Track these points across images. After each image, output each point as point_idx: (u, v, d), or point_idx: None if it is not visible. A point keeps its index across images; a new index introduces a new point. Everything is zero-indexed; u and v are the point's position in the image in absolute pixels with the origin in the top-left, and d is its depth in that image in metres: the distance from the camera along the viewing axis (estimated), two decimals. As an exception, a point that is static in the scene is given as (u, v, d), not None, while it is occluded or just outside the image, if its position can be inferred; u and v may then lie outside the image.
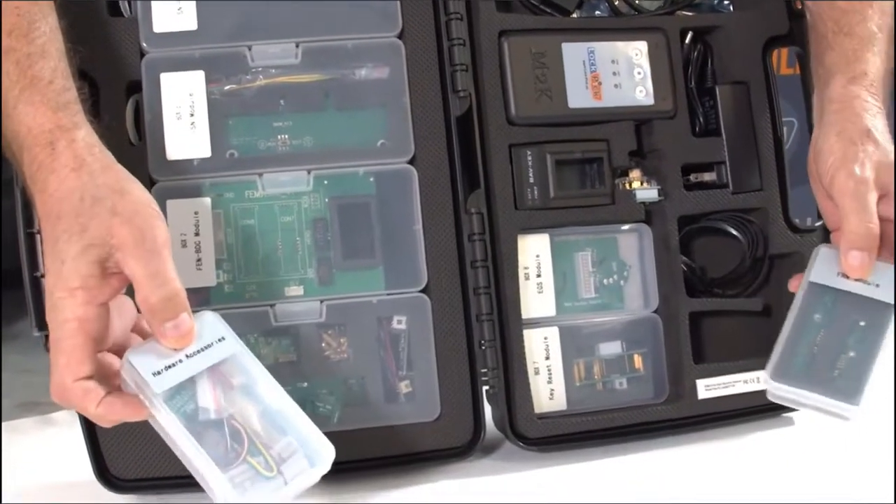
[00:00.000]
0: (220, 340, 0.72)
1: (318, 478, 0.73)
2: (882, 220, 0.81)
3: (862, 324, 0.80)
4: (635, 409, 0.91)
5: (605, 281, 0.93)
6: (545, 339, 0.91)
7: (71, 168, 0.70)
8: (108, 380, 0.70)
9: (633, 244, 0.94)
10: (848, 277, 0.81)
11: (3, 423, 0.91)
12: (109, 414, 0.69)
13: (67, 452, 0.87)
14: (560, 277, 0.92)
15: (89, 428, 0.83)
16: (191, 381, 0.70)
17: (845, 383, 0.79)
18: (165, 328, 0.69)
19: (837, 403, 0.78)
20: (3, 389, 0.93)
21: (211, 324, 0.72)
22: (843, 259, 0.80)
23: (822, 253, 0.83)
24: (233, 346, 0.72)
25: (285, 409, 0.73)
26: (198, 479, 0.71)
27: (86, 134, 0.72)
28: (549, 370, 0.90)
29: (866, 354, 0.79)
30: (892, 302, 0.80)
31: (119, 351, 0.71)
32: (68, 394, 0.69)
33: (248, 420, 0.71)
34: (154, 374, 0.69)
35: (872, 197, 0.80)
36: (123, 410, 0.69)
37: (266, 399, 0.72)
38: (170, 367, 0.69)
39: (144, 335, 0.73)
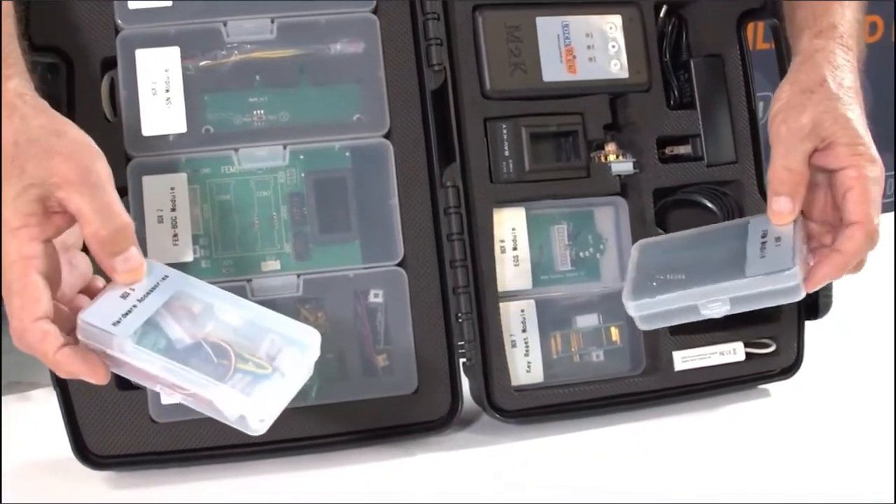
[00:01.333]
0: (164, 279, 0.73)
1: (311, 363, 0.75)
2: (818, 170, 0.81)
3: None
4: (612, 382, 0.91)
5: (581, 254, 0.93)
6: (522, 311, 0.91)
7: (4, 115, 0.70)
8: (67, 333, 0.70)
9: (609, 217, 0.94)
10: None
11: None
12: (67, 364, 0.69)
13: (44, 429, 0.86)
14: (536, 251, 0.92)
15: (67, 404, 0.83)
16: (153, 323, 0.70)
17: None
18: (116, 262, 0.69)
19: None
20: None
21: (151, 267, 0.73)
22: (768, 206, 0.81)
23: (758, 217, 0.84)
24: (180, 280, 0.73)
25: (256, 315, 0.74)
26: (201, 408, 0.71)
27: (17, 84, 0.72)
28: (525, 343, 0.91)
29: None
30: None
31: (73, 309, 0.71)
32: (27, 335, 0.68)
33: (224, 336, 0.72)
34: (114, 324, 0.69)
35: (804, 145, 0.80)
36: (82, 365, 0.69)
37: (233, 313, 0.73)
38: (127, 313, 0.70)
39: (94, 296, 0.73)
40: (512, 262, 0.91)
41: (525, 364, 0.91)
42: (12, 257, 0.68)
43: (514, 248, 0.91)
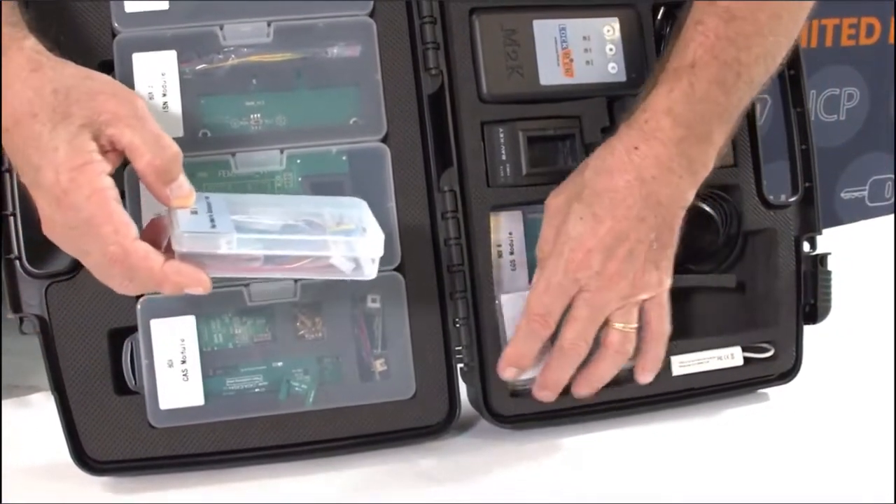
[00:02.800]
0: (207, 198, 0.76)
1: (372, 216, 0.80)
2: None
3: None
4: (610, 387, 0.91)
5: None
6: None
7: (30, 70, 0.71)
8: None
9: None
10: None
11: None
12: (175, 275, 0.72)
13: (43, 434, 0.86)
14: (534, 255, 0.91)
15: (65, 409, 0.83)
16: (238, 221, 0.74)
17: None
18: (171, 189, 0.72)
19: None
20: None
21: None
22: None
23: None
24: (222, 196, 0.78)
25: (300, 201, 0.80)
26: (312, 273, 0.77)
27: (33, 43, 0.73)
28: None
29: None
30: None
31: None
32: (130, 257, 0.70)
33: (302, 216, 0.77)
34: (212, 227, 0.72)
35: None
36: (191, 274, 0.72)
37: (282, 206, 0.78)
38: (212, 221, 0.73)
39: None
40: (509, 267, 0.91)
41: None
42: (86, 192, 0.69)
43: (511, 253, 0.90)
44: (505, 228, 0.90)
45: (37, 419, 0.90)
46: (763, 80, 0.85)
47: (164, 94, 0.85)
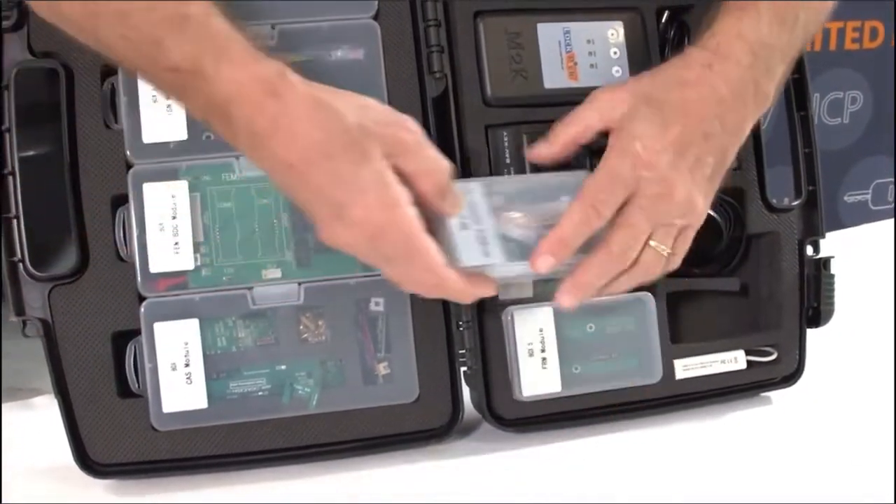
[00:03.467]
0: (469, 193, 0.81)
1: None
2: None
3: None
4: (614, 391, 0.91)
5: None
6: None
7: (311, 108, 0.72)
8: None
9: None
10: None
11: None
12: (481, 291, 0.79)
13: (46, 437, 0.86)
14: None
15: (68, 412, 0.83)
16: (500, 235, 0.80)
17: None
18: (447, 203, 0.76)
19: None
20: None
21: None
22: None
23: None
24: (478, 187, 0.82)
25: (535, 182, 0.86)
26: None
27: (291, 72, 0.73)
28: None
29: None
30: None
31: None
32: (447, 284, 0.75)
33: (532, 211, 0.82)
34: (485, 255, 0.78)
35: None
36: (488, 285, 0.79)
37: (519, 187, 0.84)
38: (482, 241, 0.79)
39: None
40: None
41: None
42: (405, 230, 0.73)
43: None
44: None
45: (39, 422, 0.90)
46: (815, 30, 0.88)
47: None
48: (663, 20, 0.94)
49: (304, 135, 0.71)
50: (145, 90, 0.84)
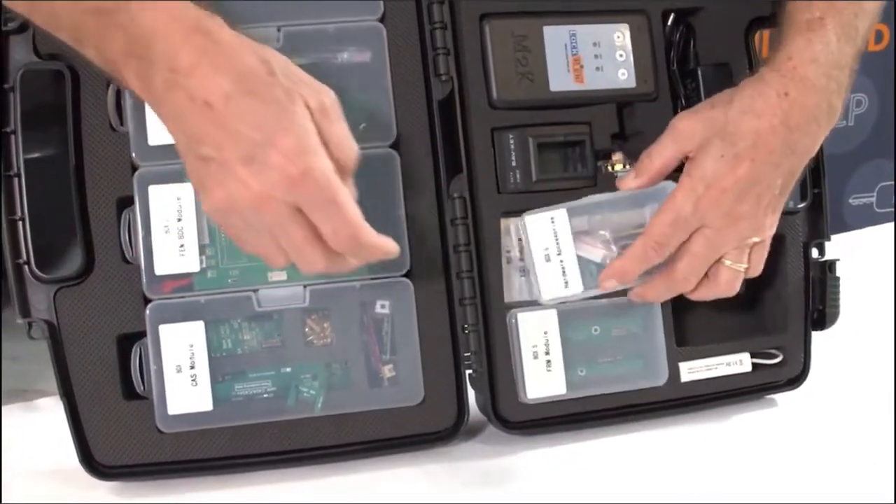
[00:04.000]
0: (552, 220, 0.87)
1: None
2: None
3: None
4: (619, 393, 0.91)
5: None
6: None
7: (263, 54, 0.70)
8: None
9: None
10: None
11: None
12: (385, 244, 0.74)
13: (50, 438, 0.86)
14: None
15: (73, 414, 0.83)
16: (579, 262, 0.87)
17: None
18: (347, 184, 0.72)
19: None
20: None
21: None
22: None
23: None
24: (561, 212, 0.87)
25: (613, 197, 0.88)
26: None
27: (219, 18, 0.72)
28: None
29: None
30: None
31: None
32: (363, 235, 0.71)
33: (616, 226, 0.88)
34: (566, 287, 0.87)
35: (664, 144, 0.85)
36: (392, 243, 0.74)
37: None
38: (562, 272, 0.87)
39: None
40: (518, 273, 0.90)
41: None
42: (328, 172, 0.69)
43: (521, 259, 0.89)
44: (515, 234, 0.90)
45: (44, 423, 0.90)
46: (868, 35, 0.88)
47: (174, 100, 0.85)
48: (669, 22, 0.94)
49: (227, 69, 0.68)
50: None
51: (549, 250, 0.87)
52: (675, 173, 0.85)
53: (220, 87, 0.68)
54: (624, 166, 0.92)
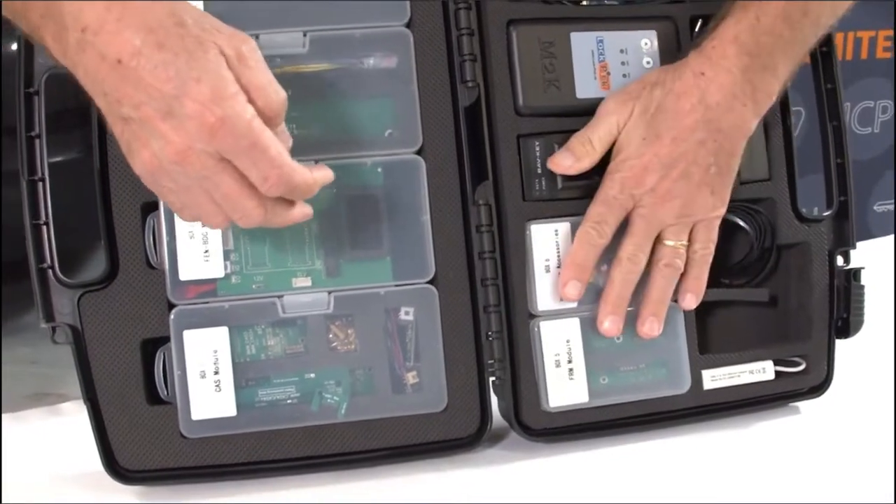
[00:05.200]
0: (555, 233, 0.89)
1: None
2: None
3: None
4: (641, 401, 0.91)
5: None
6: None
7: (172, 4, 0.69)
8: None
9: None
10: None
11: (9, 414, 0.91)
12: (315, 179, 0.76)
13: (74, 443, 0.87)
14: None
15: (97, 419, 0.83)
16: None
17: None
18: (279, 133, 0.73)
19: None
20: (12, 381, 0.93)
21: None
22: None
23: None
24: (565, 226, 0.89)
25: None
26: None
27: None
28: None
29: None
30: None
31: None
32: (295, 175, 0.72)
33: None
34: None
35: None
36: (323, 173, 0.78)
37: None
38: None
39: None
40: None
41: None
42: (248, 117, 0.69)
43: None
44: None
45: (68, 427, 0.90)
46: (829, 22, 0.89)
47: (200, 104, 0.84)
48: (697, 28, 0.94)
49: (134, 25, 0.67)
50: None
51: (550, 262, 0.88)
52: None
53: (129, 43, 0.67)
54: (649, 172, 0.91)
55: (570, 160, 0.87)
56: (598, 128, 0.87)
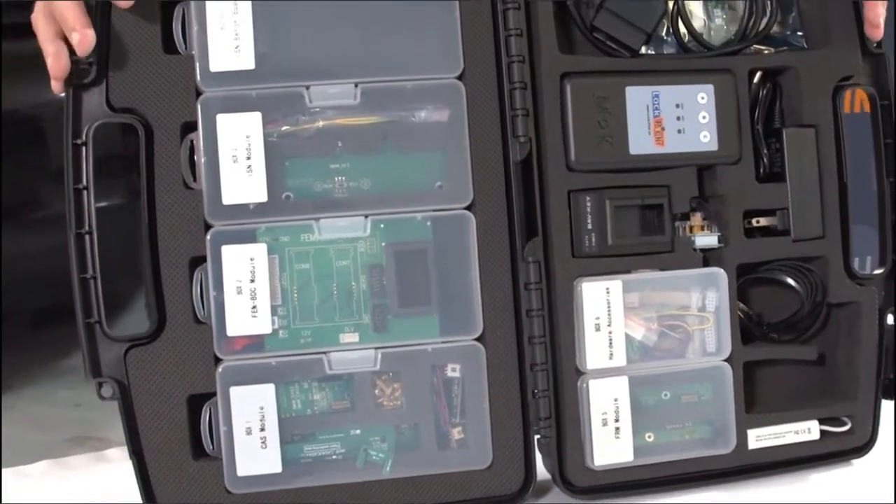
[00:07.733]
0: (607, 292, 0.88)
1: None
2: None
3: None
4: (686, 460, 0.90)
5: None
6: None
7: None
8: None
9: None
10: None
11: (54, 460, 0.91)
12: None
13: (120, 491, 0.86)
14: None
15: (143, 472, 0.83)
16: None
17: None
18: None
19: None
20: (53, 426, 0.93)
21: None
22: None
23: None
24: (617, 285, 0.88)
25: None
26: None
27: None
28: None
29: None
30: None
31: None
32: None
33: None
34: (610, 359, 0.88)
35: None
36: None
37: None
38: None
39: None
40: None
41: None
42: None
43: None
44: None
45: (114, 474, 0.90)
46: None
47: (249, 157, 0.83)
48: (756, 79, 0.92)
49: None
50: (226, 150, 0.83)
51: (600, 320, 0.87)
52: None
53: None
54: (702, 228, 0.90)
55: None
56: None
